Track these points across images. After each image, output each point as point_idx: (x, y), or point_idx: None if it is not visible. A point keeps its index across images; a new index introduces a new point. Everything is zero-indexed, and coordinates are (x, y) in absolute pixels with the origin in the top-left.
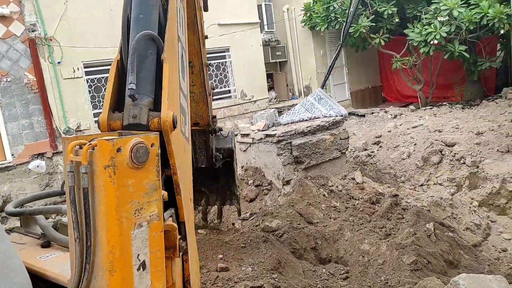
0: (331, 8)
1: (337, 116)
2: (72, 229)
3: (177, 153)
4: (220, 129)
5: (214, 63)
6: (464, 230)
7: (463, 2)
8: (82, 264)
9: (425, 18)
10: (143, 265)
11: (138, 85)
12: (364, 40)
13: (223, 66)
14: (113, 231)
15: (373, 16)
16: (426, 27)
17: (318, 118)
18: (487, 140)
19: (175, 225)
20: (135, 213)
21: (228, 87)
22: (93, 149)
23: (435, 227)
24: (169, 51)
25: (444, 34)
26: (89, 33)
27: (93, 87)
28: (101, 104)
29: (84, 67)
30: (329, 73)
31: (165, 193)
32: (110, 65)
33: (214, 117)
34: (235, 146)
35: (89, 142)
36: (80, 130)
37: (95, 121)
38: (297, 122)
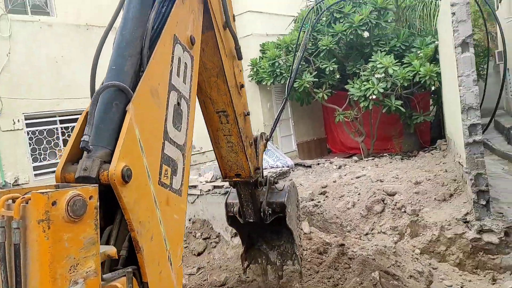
0: (277, 64)
1: (284, 167)
2: None
3: (139, 208)
4: (275, 182)
5: None
6: (408, 278)
7: (397, 61)
8: None
9: (364, 75)
10: None
11: (96, 136)
12: (308, 94)
13: None
14: None
15: (316, 72)
16: (364, 83)
17: (266, 169)
18: (425, 189)
19: (120, 286)
20: (70, 270)
21: None
22: (27, 203)
23: (380, 275)
24: (142, 101)
25: (381, 90)
26: (32, 85)
27: (34, 140)
28: (42, 157)
29: (25, 119)
30: (275, 125)
31: (112, 250)
32: (53, 117)
33: (258, 168)
34: (295, 200)
35: (22, 195)
36: (18, 184)
37: (35, 175)
38: None
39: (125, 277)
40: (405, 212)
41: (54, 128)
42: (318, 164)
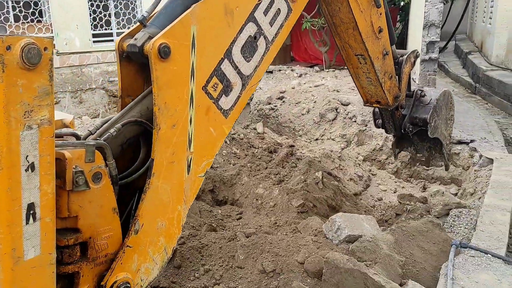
0: None
1: None
2: None
3: (168, 89)
4: (423, 95)
5: None
6: (348, 181)
7: None
8: None
9: None
10: (31, 167)
11: (155, 18)
12: None
13: None
14: (0, 130)
15: None
16: None
17: None
18: None
19: (68, 154)
20: (24, 115)
21: None
22: None
23: (323, 175)
24: (210, 8)
25: None
26: None
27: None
28: None
29: None
30: None
31: (68, 118)
32: None
33: (398, 96)
34: (446, 105)
35: None
36: None
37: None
38: None
39: (84, 150)
40: (355, 122)
41: (4, 1)
42: (280, 70)
